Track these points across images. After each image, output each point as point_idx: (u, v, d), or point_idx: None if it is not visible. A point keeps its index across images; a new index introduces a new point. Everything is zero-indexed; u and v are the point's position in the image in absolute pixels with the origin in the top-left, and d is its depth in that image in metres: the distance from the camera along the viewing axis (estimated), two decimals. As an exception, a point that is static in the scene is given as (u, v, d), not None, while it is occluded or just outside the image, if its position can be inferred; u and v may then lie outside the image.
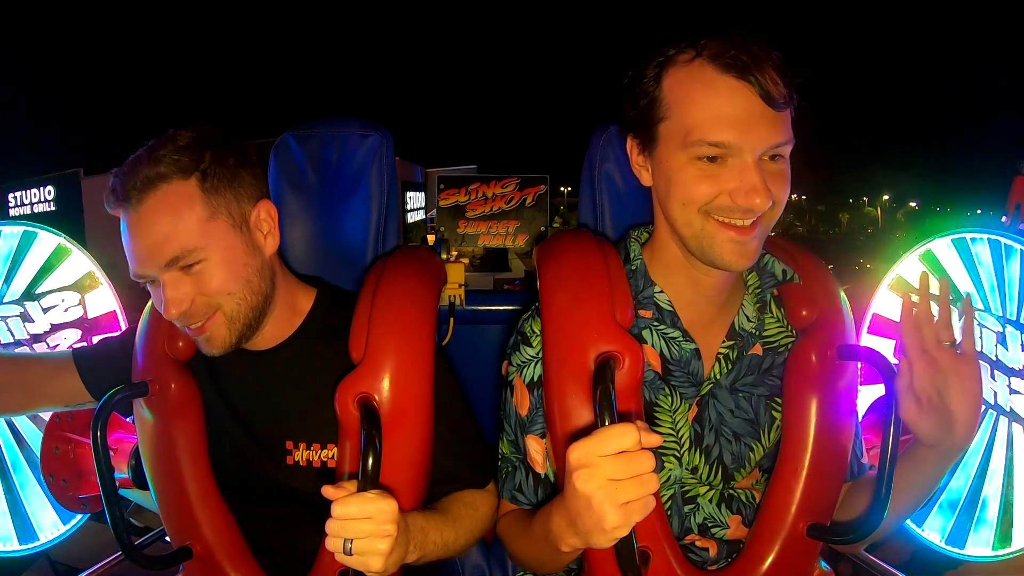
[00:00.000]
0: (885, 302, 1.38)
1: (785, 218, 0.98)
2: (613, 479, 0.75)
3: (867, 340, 1.38)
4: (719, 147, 0.91)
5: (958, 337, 0.93)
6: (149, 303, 1.20)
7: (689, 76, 0.93)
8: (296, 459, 1.10)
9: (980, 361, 1.24)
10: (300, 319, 1.15)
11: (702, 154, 0.92)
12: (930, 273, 0.94)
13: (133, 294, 1.39)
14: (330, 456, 1.09)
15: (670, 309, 1.06)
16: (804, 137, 0.96)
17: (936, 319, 0.93)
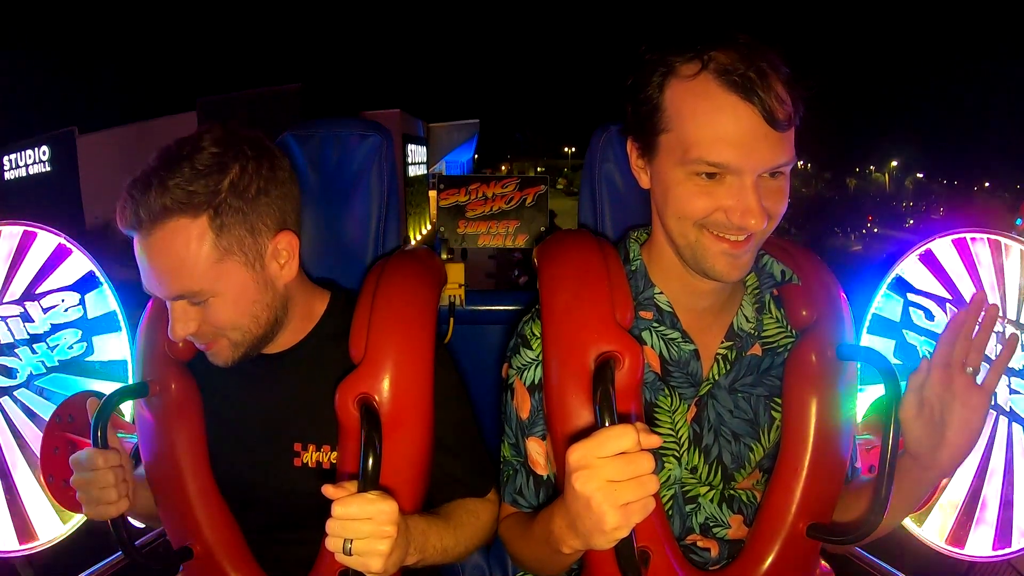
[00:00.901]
0: (885, 302, 1.38)
1: (791, 183, 0.97)
2: (613, 480, 0.75)
3: (867, 340, 1.38)
4: (718, 167, 0.90)
5: (983, 368, 0.92)
6: (149, 304, 1.20)
7: (692, 91, 0.91)
8: (304, 460, 1.11)
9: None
10: (313, 323, 1.15)
11: (700, 171, 0.91)
12: (986, 298, 0.93)
13: (133, 294, 1.39)
14: None
15: (670, 310, 1.06)
16: (812, 105, 0.94)
17: (974, 339, 0.92)
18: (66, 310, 1.40)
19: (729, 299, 1.07)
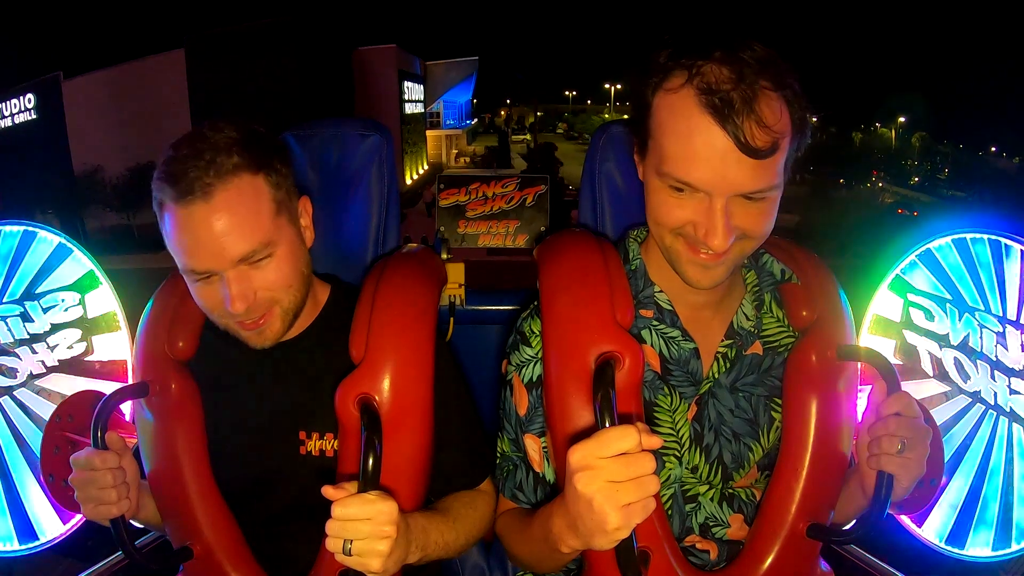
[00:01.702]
0: (885, 302, 1.38)
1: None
2: (614, 481, 0.75)
3: (867, 340, 1.38)
4: (686, 185, 0.90)
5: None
6: (149, 303, 1.21)
7: (672, 105, 0.90)
8: (309, 449, 1.12)
9: (980, 361, 1.25)
10: (316, 312, 1.18)
11: (671, 184, 0.91)
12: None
13: (133, 294, 1.39)
14: None
15: (670, 308, 1.06)
16: (816, 63, 0.89)
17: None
18: (66, 310, 1.40)
19: (729, 297, 1.08)
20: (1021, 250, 1.22)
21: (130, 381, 1.33)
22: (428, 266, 1.22)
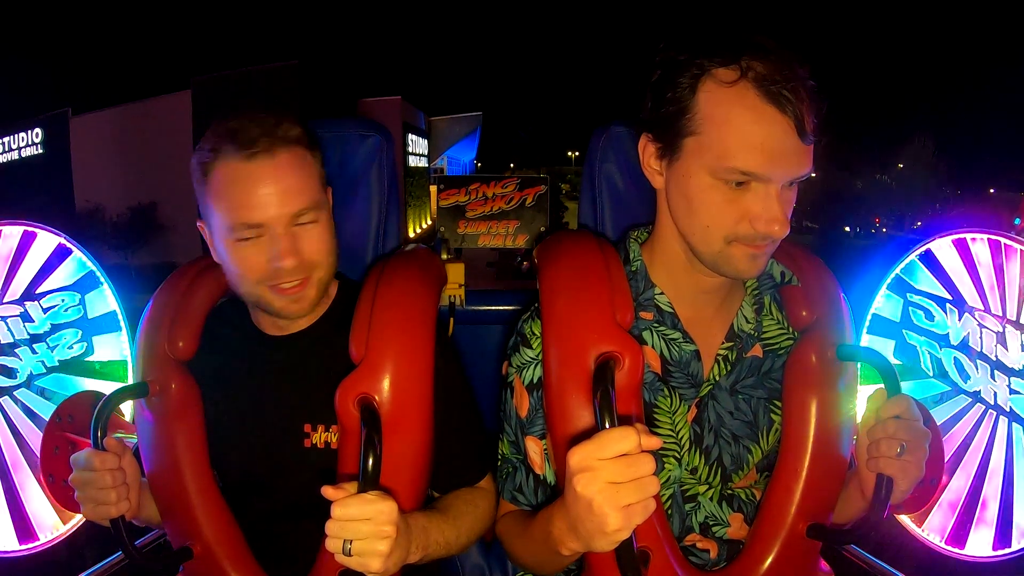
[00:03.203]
0: (885, 302, 1.37)
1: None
2: (614, 482, 0.75)
3: (867, 340, 1.38)
4: (749, 175, 0.91)
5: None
6: (149, 303, 1.21)
7: (728, 98, 0.91)
8: (314, 441, 1.12)
9: (980, 361, 1.25)
10: (326, 306, 1.19)
11: (730, 179, 0.92)
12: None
13: (133, 294, 1.39)
14: None
15: (670, 311, 1.06)
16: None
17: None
18: (66, 310, 1.40)
19: (729, 300, 1.08)
20: (1021, 250, 1.22)
21: (130, 381, 1.33)
22: (428, 266, 1.22)
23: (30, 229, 1.40)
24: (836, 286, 1.12)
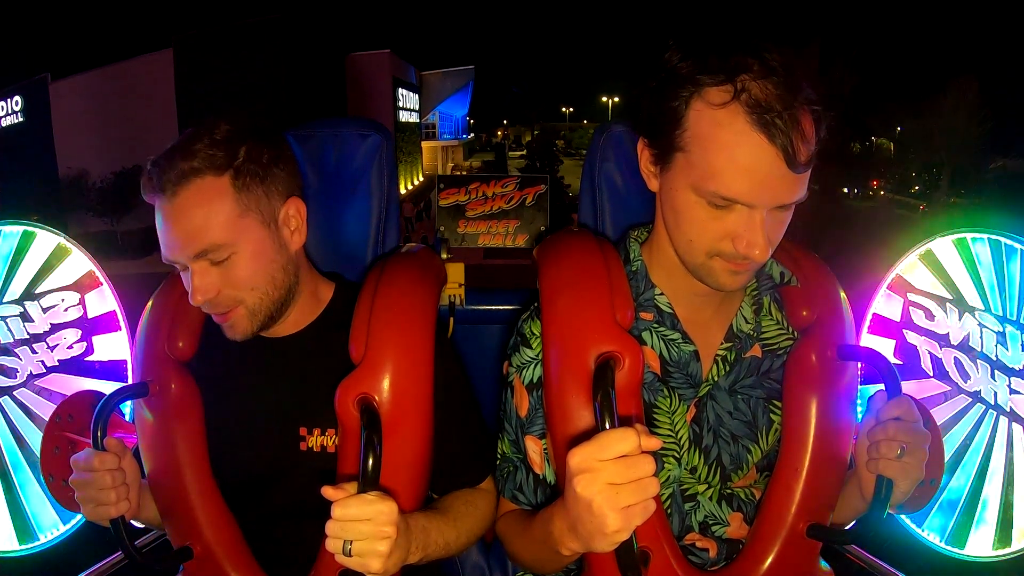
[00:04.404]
0: (885, 302, 1.37)
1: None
2: (614, 483, 0.75)
3: (867, 340, 1.38)
4: (731, 201, 0.90)
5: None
6: (149, 304, 1.21)
7: (718, 120, 0.88)
8: (310, 445, 1.12)
9: (980, 361, 1.25)
10: (321, 308, 1.18)
11: (712, 201, 0.91)
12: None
13: (132, 294, 1.39)
14: None
15: (670, 311, 1.06)
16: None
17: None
18: (66, 310, 1.40)
19: (729, 300, 1.08)
20: (1021, 250, 1.22)
21: (130, 381, 1.33)
22: (428, 266, 1.22)
23: (30, 229, 1.40)
24: (836, 285, 1.12)
